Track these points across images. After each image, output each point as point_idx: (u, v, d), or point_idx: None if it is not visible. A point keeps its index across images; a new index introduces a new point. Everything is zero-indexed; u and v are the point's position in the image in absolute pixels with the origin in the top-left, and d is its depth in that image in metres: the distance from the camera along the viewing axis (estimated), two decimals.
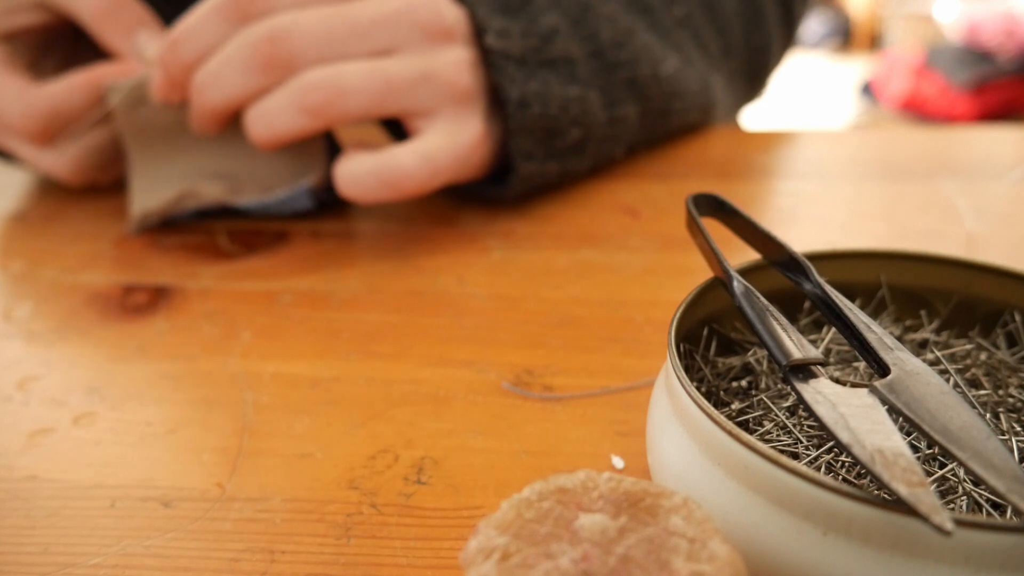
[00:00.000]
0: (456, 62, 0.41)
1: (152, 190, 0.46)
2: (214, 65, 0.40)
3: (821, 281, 0.25)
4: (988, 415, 0.25)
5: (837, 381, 0.25)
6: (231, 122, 0.43)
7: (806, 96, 3.10)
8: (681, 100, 0.51)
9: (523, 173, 0.44)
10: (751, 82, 0.62)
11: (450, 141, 0.41)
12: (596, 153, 0.48)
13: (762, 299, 0.24)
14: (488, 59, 0.42)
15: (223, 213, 0.47)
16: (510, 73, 0.42)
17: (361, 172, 0.41)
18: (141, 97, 0.45)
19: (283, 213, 0.47)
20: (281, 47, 0.39)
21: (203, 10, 0.41)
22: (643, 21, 0.50)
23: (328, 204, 0.47)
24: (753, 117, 0.73)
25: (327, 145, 0.46)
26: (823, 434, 0.24)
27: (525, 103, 0.42)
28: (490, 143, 0.44)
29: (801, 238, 0.42)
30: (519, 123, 0.42)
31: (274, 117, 0.40)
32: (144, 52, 0.46)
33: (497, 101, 0.44)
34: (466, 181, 0.45)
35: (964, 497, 0.22)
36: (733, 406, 0.26)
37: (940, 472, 0.22)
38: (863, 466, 0.18)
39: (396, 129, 0.47)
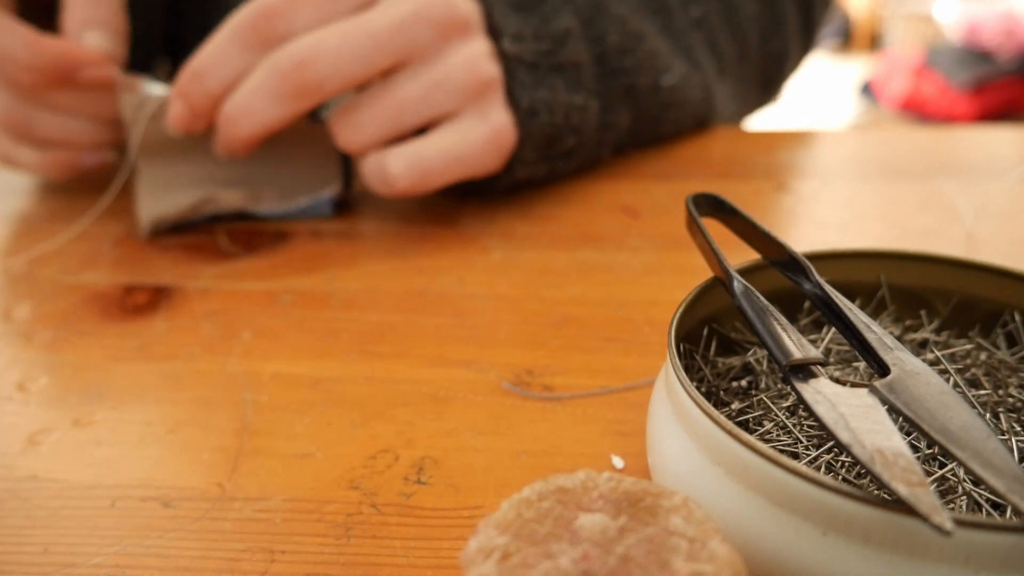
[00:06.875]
0: (472, 57, 0.41)
1: (166, 196, 0.45)
2: (242, 96, 0.40)
3: (821, 281, 0.25)
4: (988, 415, 0.25)
5: (837, 381, 0.25)
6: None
7: (806, 96, 3.09)
8: (677, 110, 0.51)
9: (517, 176, 0.45)
10: (765, 87, 0.61)
11: (476, 132, 0.41)
12: (584, 156, 0.48)
13: (762, 299, 0.24)
14: (503, 63, 0.42)
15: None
16: (521, 78, 0.42)
17: (403, 160, 0.41)
18: (156, 113, 0.44)
19: (301, 219, 0.47)
20: (309, 72, 0.39)
21: (221, 39, 0.40)
22: (656, 22, 0.49)
23: (342, 208, 0.48)
24: (754, 117, 0.73)
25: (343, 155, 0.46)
26: (823, 434, 0.24)
27: (533, 111, 0.43)
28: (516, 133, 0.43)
29: (801, 238, 0.42)
30: (526, 131, 0.43)
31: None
32: (152, 89, 0.46)
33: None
34: (491, 172, 0.44)
35: (964, 497, 0.22)
36: (733, 406, 0.26)
37: (940, 472, 0.22)
38: (863, 466, 0.18)
39: None
